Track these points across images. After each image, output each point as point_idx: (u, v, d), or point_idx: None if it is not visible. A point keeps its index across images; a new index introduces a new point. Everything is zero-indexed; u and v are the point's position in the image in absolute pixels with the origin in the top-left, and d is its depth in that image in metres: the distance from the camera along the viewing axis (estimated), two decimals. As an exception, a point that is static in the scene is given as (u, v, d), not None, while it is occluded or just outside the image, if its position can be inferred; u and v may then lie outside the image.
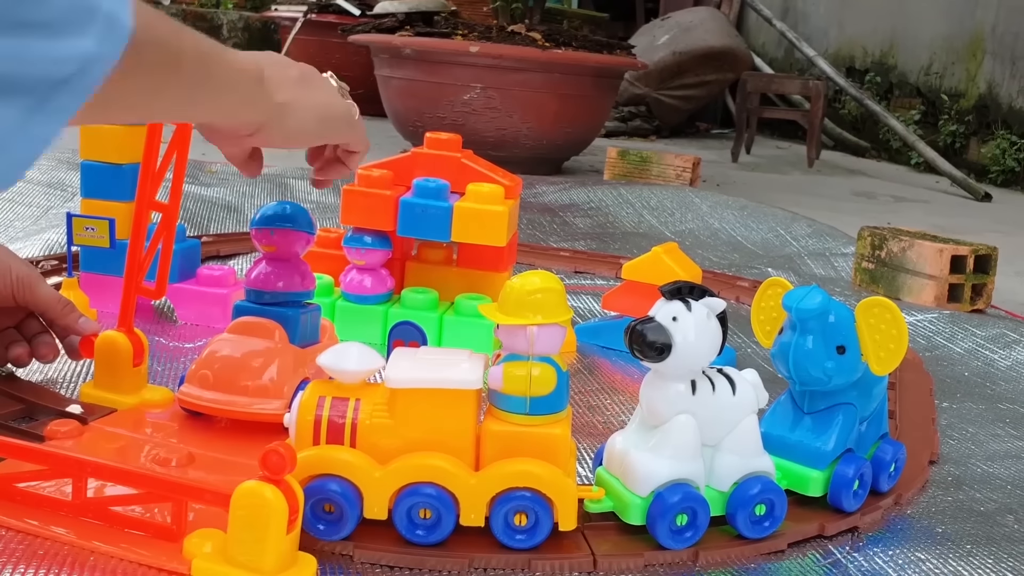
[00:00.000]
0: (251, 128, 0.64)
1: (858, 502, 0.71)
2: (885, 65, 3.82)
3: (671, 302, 0.63)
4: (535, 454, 0.62)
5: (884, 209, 2.60)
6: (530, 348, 0.61)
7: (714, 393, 0.65)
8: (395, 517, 0.61)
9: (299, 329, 0.79)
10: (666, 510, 0.62)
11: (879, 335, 0.69)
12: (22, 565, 0.55)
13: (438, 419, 0.61)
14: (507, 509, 0.61)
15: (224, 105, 0.60)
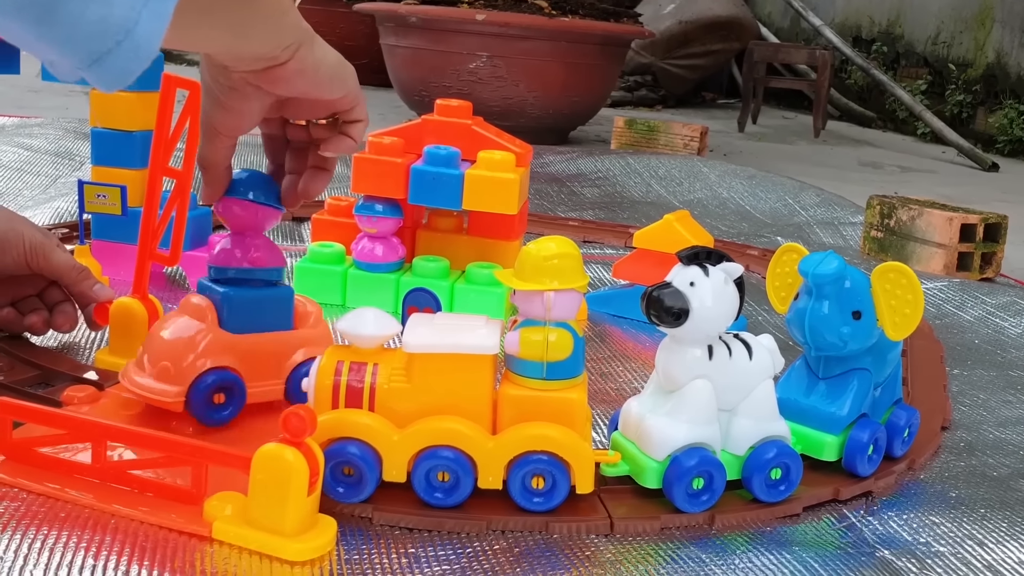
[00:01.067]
0: (291, 48, 0.60)
1: (872, 467, 0.71)
2: (892, 34, 3.79)
3: (688, 267, 0.63)
4: (552, 418, 0.62)
5: (891, 179, 2.59)
6: (547, 314, 0.61)
7: (731, 358, 0.65)
8: (414, 480, 0.62)
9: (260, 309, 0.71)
10: (683, 474, 0.63)
11: (895, 300, 0.69)
12: (45, 527, 0.56)
13: (455, 384, 0.62)
14: (524, 472, 0.62)
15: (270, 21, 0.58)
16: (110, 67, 0.42)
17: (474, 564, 0.58)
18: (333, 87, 0.65)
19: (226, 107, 0.63)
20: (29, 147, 1.68)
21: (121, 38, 0.41)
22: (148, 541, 0.56)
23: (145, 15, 0.41)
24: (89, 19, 0.40)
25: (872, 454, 0.71)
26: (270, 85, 0.62)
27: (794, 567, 0.60)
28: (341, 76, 0.65)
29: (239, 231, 0.71)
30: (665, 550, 0.61)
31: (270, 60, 0.60)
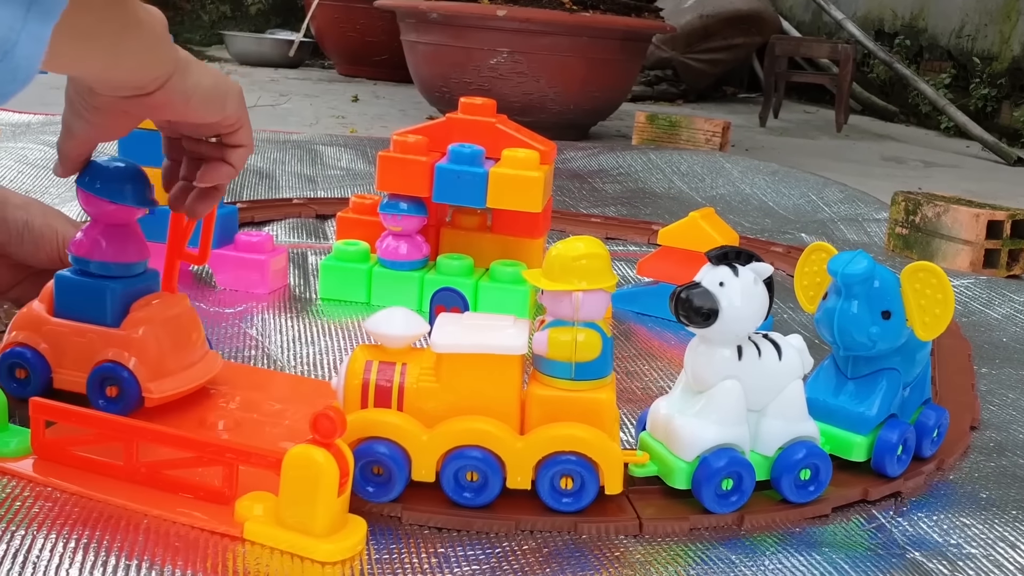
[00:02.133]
0: (159, 79, 0.59)
1: (902, 467, 0.71)
2: (915, 28, 3.76)
3: (718, 267, 0.63)
4: (580, 418, 0.62)
5: (914, 174, 2.57)
6: (575, 314, 0.61)
7: (760, 359, 0.64)
8: (443, 479, 0.62)
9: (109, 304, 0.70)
10: (712, 475, 0.63)
11: (925, 300, 0.69)
12: (79, 527, 0.56)
13: (483, 384, 0.62)
14: (553, 472, 0.62)
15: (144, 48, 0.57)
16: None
17: (503, 564, 0.58)
18: (206, 113, 0.64)
19: (88, 121, 0.63)
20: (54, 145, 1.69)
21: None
22: (180, 541, 0.56)
23: (24, 37, 0.40)
24: None
25: (901, 454, 0.70)
26: (137, 110, 0.62)
27: (824, 568, 0.60)
28: (217, 101, 0.64)
29: (95, 220, 0.71)
30: (694, 551, 0.61)
31: (138, 89, 0.59)
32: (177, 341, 0.72)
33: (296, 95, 3.13)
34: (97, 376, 0.69)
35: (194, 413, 0.72)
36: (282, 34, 4.20)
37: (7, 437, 0.64)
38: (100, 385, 0.70)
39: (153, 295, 0.72)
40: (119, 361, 0.69)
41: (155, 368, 0.70)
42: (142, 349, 0.69)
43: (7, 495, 0.59)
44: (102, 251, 0.70)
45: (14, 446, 0.64)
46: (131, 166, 0.71)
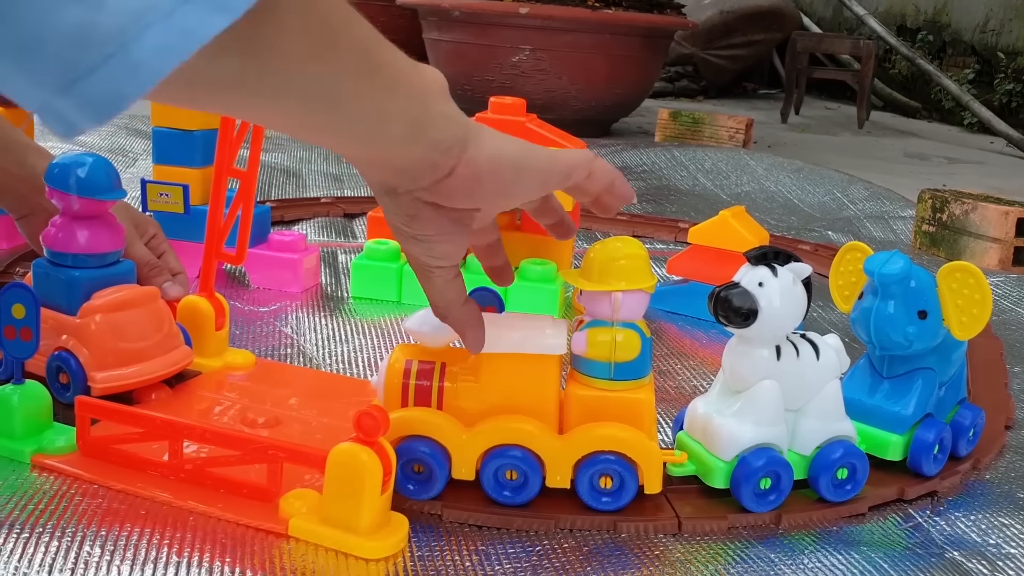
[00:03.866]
0: (453, 152, 0.49)
1: (938, 466, 0.71)
2: (938, 23, 3.74)
3: (757, 267, 0.63)
4: (619, 418, 0.62)
5: (938, 171, 2.56)
6: (614, 314, 0.61)
7: (798, 359, 0.65)
8: (482, 478, 0.62)
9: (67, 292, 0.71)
10: (750, 474, 0.63)
11: (962, 300, 0.69)
12: (128, 524, 0.57)
13: (522, 383, 0.62)
14: (593, 472, 0.62)
15: (411, 107, 0.47)
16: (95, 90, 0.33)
17: (544, 562, 0.58)
18: (521, 185, 0.53)
19: (419, 239, 0.53)
20: (83, 144, 1.71)
21: (112, 51, 0.32)
22: (227, 538, 0.57)
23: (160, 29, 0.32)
24: (64, 22, 0.32)
25: (938, 454, 0.70)
26: (448, 200, 0.51)
27: (863, 567, 0.60)
28: (531, 168, 0.53)
29: (63, 212, 0.71)
30: (733, 549, 0.61)
31: (433, 170, 0.49)
32: (135, 333, 0.72)
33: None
34: (53, 362, 0.71)
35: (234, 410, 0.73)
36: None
37: (53, 435, 0.65)
38: (56, 372, 0.71)
39: (120, 286, 0.73)
40: (69, 349, 0.70)
41: (105, 358, 0.70)
42: (91, 338, 0.70)
43: (55, 492, 0.60)
44: (69, 242, 0.71)
45: (60, 443, 0.65)
46: (97, 159, 0.72)
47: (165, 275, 0.82)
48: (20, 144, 0.84)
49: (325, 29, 0.41)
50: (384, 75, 0.45)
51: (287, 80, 0.40)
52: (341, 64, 0.42)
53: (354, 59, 0.43)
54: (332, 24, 0.41)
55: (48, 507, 0.58)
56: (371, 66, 0.44)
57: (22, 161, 0.83)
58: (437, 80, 0.49)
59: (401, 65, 0.46)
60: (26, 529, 0.56)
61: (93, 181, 0.70)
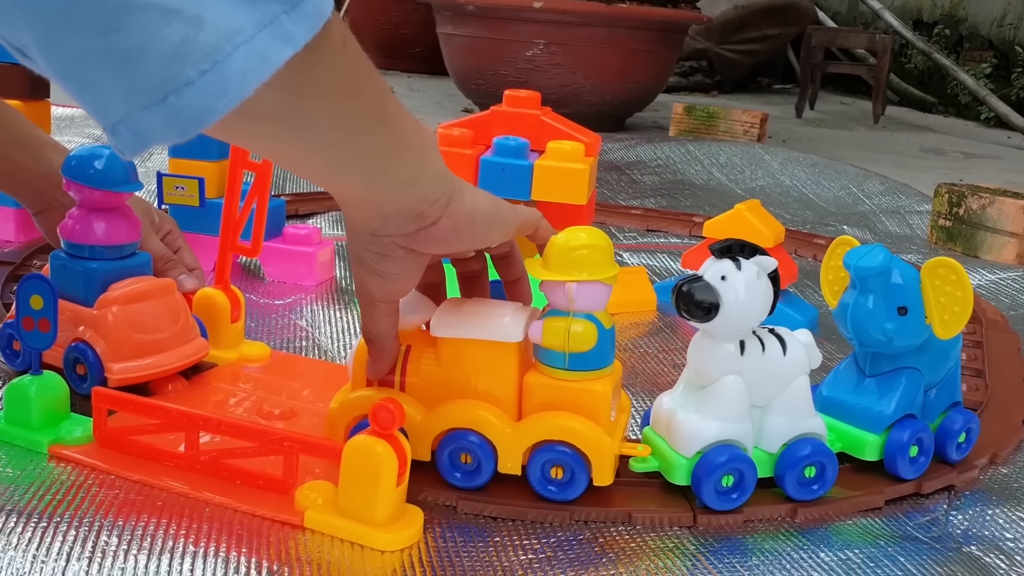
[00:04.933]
0: (440, 204, 0.54)
1: (918, 470, 0.68)
2: (955, 17, 3.71)
3: (720, 261, 0.62)
4: (573, 408, 0.62)
5: (955, 166, 2.55)
6: (569, 304, 0.61)
7: (764, 353, 0.63)
8: (438, 460, 0.63)
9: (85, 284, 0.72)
10: (712, 471, 0.62)
11: (944, 297, 0.67)
12: (144, 514, 0.58)
13: (480, 369, 0.63)
14: (544, 461, 0.62)
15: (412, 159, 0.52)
16: (186, 103, 0.35)
17: (559, 553, 0.58)
18: (489, 237, 0.59)
19: (381, 275, 0.57)
20: (98, 138, 1.72)
21: (206, 68, 0.35)
22: (243, 528, 0.57)
23: (244, 51, 0.35)
24: (168, 37, 0.34)
25: (918, 456, 0.68)
26: (423, 246, 0.56)
27: (881, 561, 0.59)
28: (499, 222, 0.59)
29: (80, 204, 0.72)
30: (750, 542, 0.61)
31: (420, 219, 0.54)
32: (152, 324, 0.72)
33: (332, 88, 3.14)
34: (70, 354, 0.71)
35: (249, 402, 0.73)
36: (316, 27, 4.21)
37: (70, 425, 0.66)
38: (73, 363, 0.72)
39: (137, 278, 0.73)
40: (86, 340, 0.70)
41: (122, 349, 0.70)
42: (108, 329, 0.70)
43: (72, 482, 0.61)
44: (86, 234, 0.72)
45: (77, 434, 0.65)
46: (114, 152, 0.71)
47: (181, 268, 0.82)
48: (37, 140, 0.84)
49: (355, 74, 0.45)
50: (394, 125, 0.50)
51: (318, 118, 0.44)
52: (363, 108, 0.46)
53: (373, 105, 0.47)
54: (359, 71, 0.45)
55: (65, 497, 0.59)
56: (385, 115, 0.49)
57: (39, 156, 0.83)
58: (431, 136, 0.54)
59: (406, 118, 0.51)
60: (44, 519, 0.56)
61: (110, 173, 0.71)
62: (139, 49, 0.34)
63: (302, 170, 0.52)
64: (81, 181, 0.71)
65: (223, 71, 0.35)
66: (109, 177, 0.71)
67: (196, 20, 0.34)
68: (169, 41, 0.34)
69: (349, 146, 0.48)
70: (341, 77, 0.43)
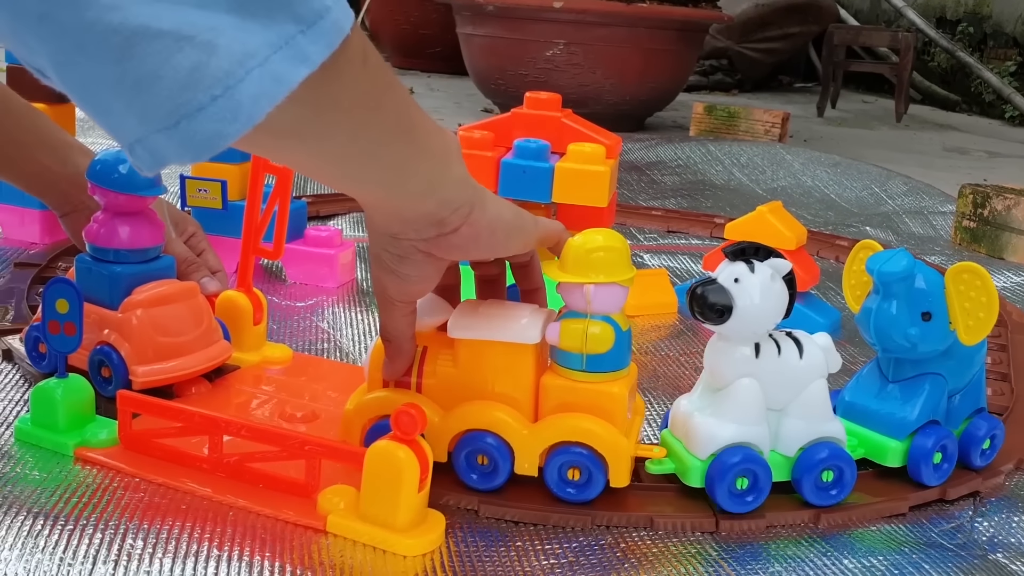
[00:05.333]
0: (461, 213, 0.54)
1: (941, 476, 0.68)
2: (979, 15, 3.68)
3: (734, 263, 0.62)
4: (590, 410, 0.62)
5: (979, 165, 2.52)
6: (587, 306, 0.61)
7: (779, 356, 0.63)
8: (455, 461, 0.64)
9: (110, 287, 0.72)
10: (724, 472, 0.61)
11: (968, 303, 0.66)
12: (169, 518, 0.58)
13: (497, 371, 0.63)
14: (561, 463, 0.62)
15: (434, 166, 0.52)
16: (199, 128, 0.35)
17: (581, 559, 0.58)
18: (509, 247, 0.60)
19: (400, 276, 0.58)
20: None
21: (218, 93, 0.35)
22: (266, 532, 0.58)
23: (257, 75, 0.35)
24: (180, 64, 0.34)
25: (941, 463, 0.68)
26: (443, 252, 0.57)
27: (905, 568, 0.59)
28: (519, 233, 0.60)
29: (105, 208, 0.72)
30: (772, 549, 0.61)
31: (440, 226, 0.55)
32: (176, 327, 0.73)
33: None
34: (95, 356, 0.72)
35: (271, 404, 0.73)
36: (337, 27, 4.23)
37: (96, 428, 0.66)
38: (98, 366, 0.72)
39: (161, 281, 0.73)
40: (110, 343, 0.71)
41: (146, 352, 0.71)
42: (132, 332, 0.71)
43: (97, 485, 0.61)
44: (110, 238, 0.72)
45: (103, 437, 0.65)
46: None
47: (204, 271, 0.83)
48: (63, 143, 0.85)
49: (375, 86, 0.45)
50: (416, 134, 0.50)
51: (337, 131, 0.44)
52: (383, 120, 0.47)
53: (394, 116, 0.48)
54: (379, 83, 0.45)
55: (91, 500, 0.59)
56: (406, 125, 0.49)
57: (65, 159, 0.84)
58: (455, 143, 0.54)
59: (428, 127, 0.51)
60: (70, 521, 0.56)
61: (134, 178, 0.71)
62: (151, 76, 0.34)
63: (322, 178, 0.53)
64: (106, 185, 0.71)
65: (235, 96, 0.35)
66: (133, 181, 0.71)
67: (209, 46, 0.35)
68: (181, 68, 0.34)
69: (369, 156, 0.48)
70: (360, 91, 0.44)
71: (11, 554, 0.53)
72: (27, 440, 0.66)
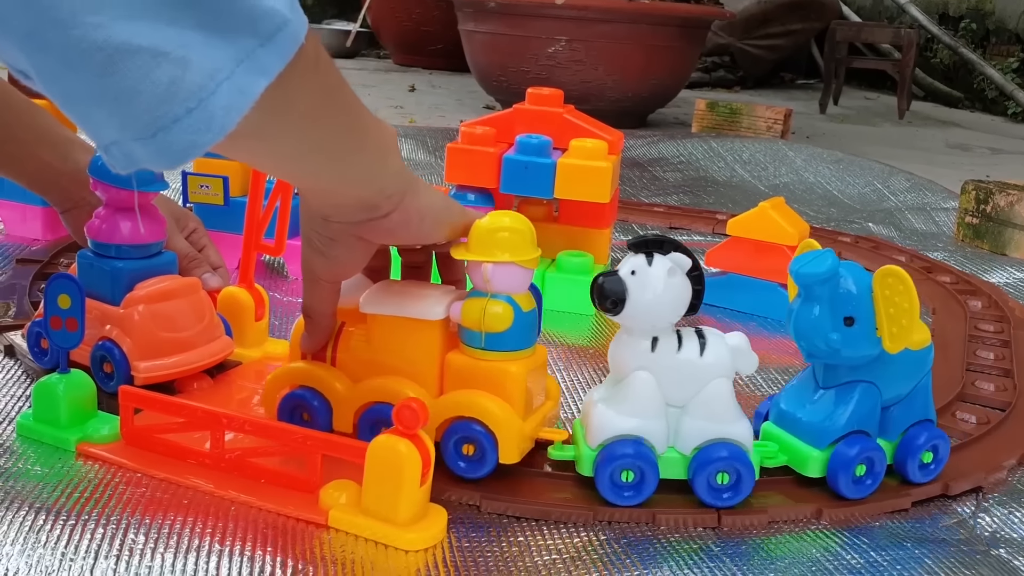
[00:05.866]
0: (393, 200, 0.57)
1: (863, 490, 0.65)
2: (982, 11, 3.67)
3: (636, 255, 0.62)
4: (487, 387, 0.64)
5: (981, 161, 2.52)
6: (485, 285, 0.63)
7: (678, 352, 0.62)
8: (360, 431, 0.66)
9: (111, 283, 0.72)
10: (606, 462, 0.61)
11: (893, 308, 0.62)
12: (171, 513, 0.58)
13: (405, 346, 0.65)
14: (456, 437, 0.64)
15: (372, 158, 0.55)
16: (175, 139, 0.38)
17: (583, 554, 0.58)
18: (437, 234, 0.62)
19: (328, 256, 0.61)
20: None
21: (193, 105, 0.37)
22: (268, 527, 0.58)
23: (226, 87, 0.38)
24: (158, 79, 0.36)
25: (864, 477, 0.65)
26: (372, 236, 0.60)
27: (908, 564, 0.59)
28: (447, 221, 0.62)
29: (106, 204, 0.73)
30: (774, 544, 0.61)
31: (372, 211, 0.57)
32: (177, 323, 0.73)
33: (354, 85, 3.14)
34: (97, 352, 0.72)
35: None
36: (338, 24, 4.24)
37: (98, 423, 0.66)
38: (100, 361, 0.72)
39: (163, 277, 0.73)
40: (112, 339, 0.71)
41: (148, 347, 0.71)
42: (134, 328, 0.71)
43: (99, 480, 0.61)
44: (112, 233, 0.72)
45: (105, 432, 0.65)
46: None
47: (205, 267, 0.83)
48: (64, 139, 0.85)
49: (326, 88, 0.48)
50: (359, 129, 0.53)
51: (291, 132, 0.47)
52: (332, 118, 0.49)
53: (342, 115, 0.50)
54: (330, 84, 0.48)
55: (93, 495, 0.59)
56: (351, 121, 0.51)
57: (66, 156, 0.84)
58: (392, 136, 0.57)
59: (370, 122, 0.54)
60: (72, 516, 0.56)
61: (137, 173, 0.71)
62: (132, 91, 0.36)
63: (266, 169, 0.56)
64: (107, 181, 0.71)
65: (208, 108, 0.37)
66: (136, 177, 0.71)
67: (183, 61, 0.36)
68: (160, 83, 0.36)
69: (317, 151, 0.51)
70: (313, 93, 0.46)
71: (13, 549, 0.53)
72: (29, 435, 0.66)
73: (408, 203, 0.58)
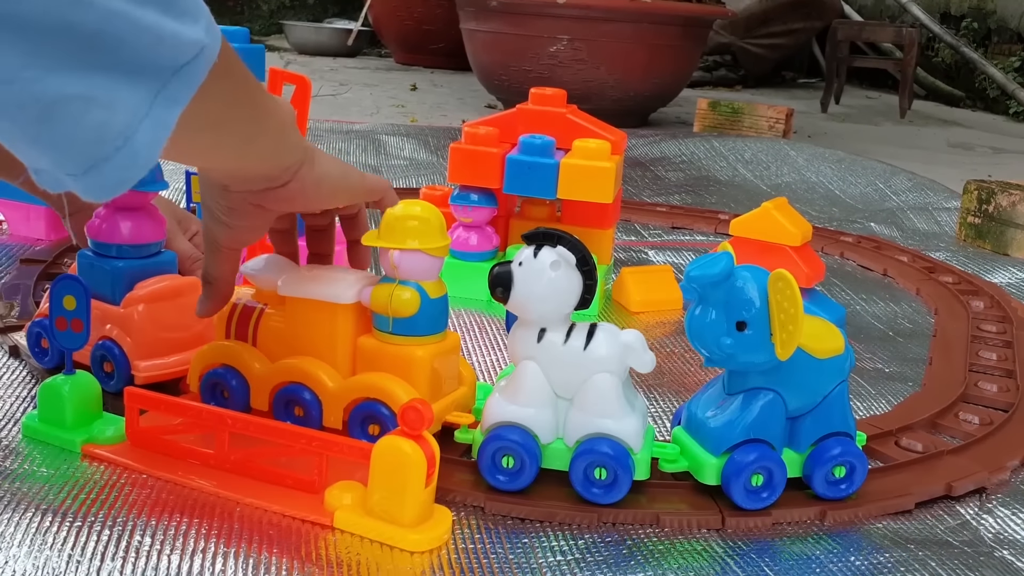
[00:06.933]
0: (291, 170, 0.60)
1: (759, 501, 0.63)
2: (983, 10, 3.67)
3: (528, 248, 0.63)
4: (396, 371, 0.66)
5: (983, 161, 2.52)
6: (392, 271, 0.65)
7: (564, 345, 0.62)
8: (273, 408, 0.68)
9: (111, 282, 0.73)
10: (488, 446, 0.63)
11: (783, 314, 0.60)
12: (177, 514, 0.58)
13: (317, 328, 0.67)
14: (362, 418, 0.66)
15: (273, 137, 0.57)
16: (106, 176, 0.40)
17: (587, 556, 0.58)
18: (335, 199, 0.66)
19: (227, 225, 0.63)
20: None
21: (120, 144, 0.39)
22: (274, 529, 0.58)
23: (146, 124, 0.40)
24: (90, 123, 0.38)
25: (761, 488, 0.63)
26: (271, 204, 0.62)
27: (911, 565, 0.59)
28: (344, 188, 0.65)
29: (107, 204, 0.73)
30: (778, 546, 0.61)
31: (270, 181, 0.60)
32: (178, 322, 0.73)
33: (356, 84, 3.16)
34: (98, 351, 0.72)
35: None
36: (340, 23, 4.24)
37: (103, 425, 0.66)
38: (100, 360, 0.72)
39: (163, 276, 0.74)
40: (112, 338, 0.71)
41: (148, 347, 0.71)
42: (134, 327, 0.71)
43: (105, 482, 0.61)
44: (112, 233, 0.73)
45: (110, 433, 0.66)
46: None
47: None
48: None
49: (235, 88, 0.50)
50: (262, 114, 0.55)
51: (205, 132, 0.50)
52: (240, 111, 0.52)
53: (248, 107, 0.53)
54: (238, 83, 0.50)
55: (99, 497, 0.59)
56: (255, 110, 0.54)
57: None
58: (291, 114, 0.59)
59: (270, 104, 0.56)
60: (78, 518, 0.57)
61: None
62: (66, 136, 0.38)
63: (181, 162, 0.58)
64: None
65: (132, 145, 0.39)
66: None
67: (109, 104, 0.38)
68: (90, 127, 0.38)
69: (227, 142, 0.54)
70: (223, 96, 0.48)
71: (20, 551, 0.53)
72: (35, 436, 0.66)
73: (304, 173, 0.61)
